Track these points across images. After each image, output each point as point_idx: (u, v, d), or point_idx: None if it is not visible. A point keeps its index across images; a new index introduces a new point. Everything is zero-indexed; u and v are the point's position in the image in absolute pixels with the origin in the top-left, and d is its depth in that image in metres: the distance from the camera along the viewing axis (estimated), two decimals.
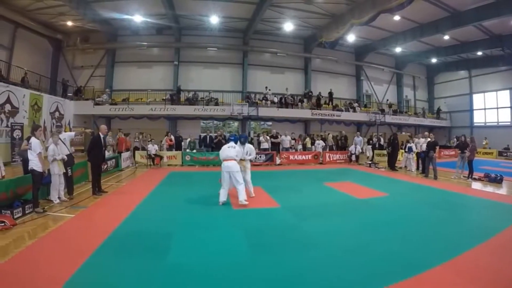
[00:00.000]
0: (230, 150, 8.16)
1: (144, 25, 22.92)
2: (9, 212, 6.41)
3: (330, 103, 26.84)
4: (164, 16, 21.44)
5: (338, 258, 4.62)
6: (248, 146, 9.09)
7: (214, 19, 22.04)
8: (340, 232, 5.90)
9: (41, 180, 7.38)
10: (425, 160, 14.38)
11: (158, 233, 5.66)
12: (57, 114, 20.43)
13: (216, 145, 18.98)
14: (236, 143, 8.45)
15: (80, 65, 24.61)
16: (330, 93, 26.91)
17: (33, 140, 7.17)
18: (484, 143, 26.90)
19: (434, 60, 30.15)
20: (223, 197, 7.89)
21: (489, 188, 11.24)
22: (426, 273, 4.09)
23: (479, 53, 27.78)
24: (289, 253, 4.80)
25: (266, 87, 25.22)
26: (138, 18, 21.31)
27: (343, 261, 4.52)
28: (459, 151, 13.91)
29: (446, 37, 25.01)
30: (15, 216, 6.44)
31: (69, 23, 22.00)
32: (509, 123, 29.13)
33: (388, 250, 4.94)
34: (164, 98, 23.03)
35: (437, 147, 14.03)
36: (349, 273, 4.10)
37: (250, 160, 9.20)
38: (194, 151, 18.56)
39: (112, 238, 5.32)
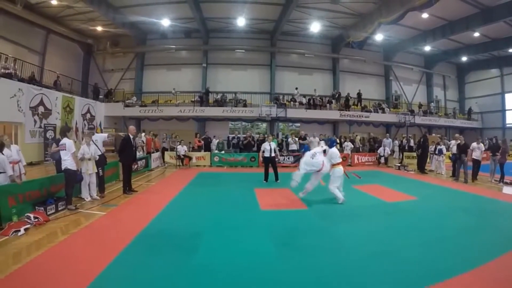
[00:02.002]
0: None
1: (172, 29, 23.24)
2: (42, 208, 6.66)
3: (359, 104, 26.42)
4: (192, 19, 21.63)
5: (364, 263, 4.54)
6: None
7: (241, 21, 22.18)
8: (367, 236, 5.80)
9: (75, 178, 7.60)
10: (455, 163, 13.83)
11: (186, 232, 5.71)
12: (88, 115, 20.83)
13: (245, 146, 19.05)
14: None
15: (110, 68, 25.07)
16: (359, 94, 26.53)
17: (66, 140, 7.37)
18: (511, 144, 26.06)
19: (464, 59, 29.33)
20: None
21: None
22: (453, 279, 4.00)
23: (511, 50, 27.12)
24: (315, 256, 4.77)
25: (296, 88, 25.02)
26: (166, 22, 21.63)
27: (369, 265, 4.45)
28: (491, 154, 13.49)
29: (476, 34, 24.41)
30: (48, 213, 6.69)
31: (99, 28, 22.53)
32: None
33: (415, 255, 4.83)
34: (193, 99, 23.10)
35: (469, 150, 13.27)
36: (375, 278, 4.04)
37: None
38: (223, 152, 18.47)
39: (142, 236, 5.44)
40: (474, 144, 12.80)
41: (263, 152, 12.12)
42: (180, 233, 5.66)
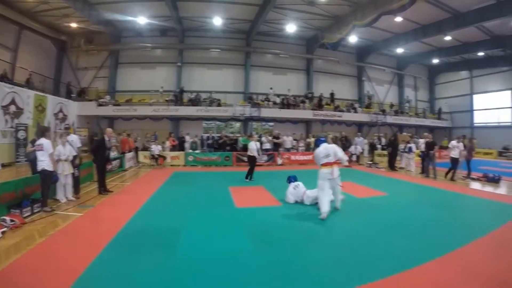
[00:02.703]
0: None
1: (148, 27, 23.13)
2: (18, 211, 6.59)
3: (332, 103, 27.03)
4: (168, 17, 21.60)
5: (337, 254, 4.84)
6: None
7: (217, 21, 22.31)
8: (338, 230, 6.16)
9: (52, 179, 7.55)
10: (424, 160, 14.57)
11: (164, 231, 5.86)
12: (61, 115, 20.55)
13: (220, 146, 19.44)
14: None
15: (83, 66, 24.79)
16: (332, 94, 27.19)
17: (44, 141, 7.31)
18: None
19: (435, 61, 30.31)
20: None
21: (487, 188, 11.47)
22: (421, 266, 4.34)
23: (480, 53, 27.89)
24: (290, 249, 5.03)
25: (271, 88, 25.44)
26: (142, 20, 21.52)
27: (342, 257, 4.75)
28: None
29: (448, 38, 25.13)
30: (24, 215, 6.60)
31: (74, 25, 22.21)
32: (509, 124, 29.24)
33: (386, 246, 5.17)
34: (167, 99, 23.22)
35: (436, 147, 14.16)
36: (348, 268, 4.34)
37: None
38: (197, 151, 18.79)
39: (121, 235, 5.51)
40: (453, 143, 13.06)
41: (250, 151, 12.45)
42: (158, 231, 5.80)
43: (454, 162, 12.77)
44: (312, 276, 4.07)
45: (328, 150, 7.19)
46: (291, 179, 8.86)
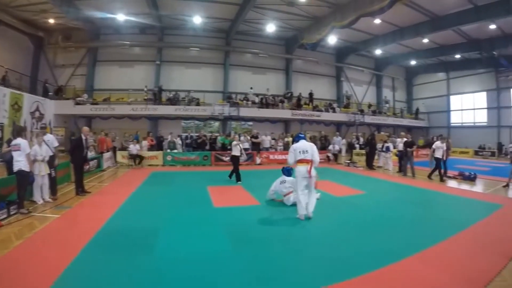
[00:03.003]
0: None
1: (127, 24, 22.87)
2: None
3: (310, 103, 27.39)
4: (148, 15, 21.42)
5: (315, 253, 4.92)
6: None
7: (197, 19, 22.18)
8: (317, 229, 6.19)
9: (29, 180, 7.45)
10: (402, 159, 14.99)
11: (143, 231, 5.85)
12: (37, 114, 20.29)
13: (199, 145, 19.54)
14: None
15: (61, 63, 24.48)
16: (311, 94, 27.51)
17: (21, 140, 7.22)
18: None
19: (413, 62, 30.88)
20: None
21: (463, 186, 11.93)
22: (398, 263, 4.48)
23: (457, 56, 28.60)
24: (268, 248, 5.11)
25: (251, 88, 25.67)
26: (121, 17, 21.29)
27: (319, 255, 4.84)
28: (430, 150, 14.44)
29: (426, 40, 25.67)
30: (0, 218, 6.44)
31: (51, 21, 21.79)
32: (485, 124, 30.13)
33: (363, 244, 5.29)
34: (146, 98, 23.18)
35: (415, 146, 14.60)
36: (325, 266, 4.44)
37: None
38: (175, 150, 18.89)
39: (99, 236, 5.49)
40: (438, 143, 13.03)
41: (233, 151, 12.22)
42: (136, 232, 5.78)
43: (438, 162, 12.95)
44: (290, 276, 4.12)
45: (306, 147, 6.89)
46: (285, 172, 8.46)
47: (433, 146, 13.28)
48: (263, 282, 3.94)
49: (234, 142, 12.53)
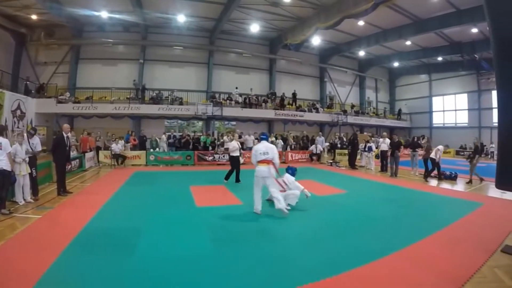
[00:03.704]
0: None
1: (110, 22, 22.75)
2: None
3: (294, 103, 27.66)
4: (132, 13, 21.30)
5: (296, 250, 4.98)
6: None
7: (181, 18, 22.17)
8: (298, 227, 6.28)
9: (11, 180, 7.33)
10: (384, 158, 15.39)
11: (125, 231, 5.82)
12: (18, 112, 20.06)
13: (183, 145, 19.54)
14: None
15: (43, 61, 24.25)
16: (294, 94, 27.79)
17: (2, 139, 7.05)
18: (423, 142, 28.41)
19: (396, 64, 31.31)
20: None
21: (445, 185, 12.24)
22: (380, 260, 4.54)
23: (440, 58, 29.14)
24: (250, 246, 5.16)
25: (237, 88, 25.87)
26: (104, 15, 21.14)
27: (301, 252, 4.88)
28: (411, 150, 15.04)
29: (408, 43, 26.14)
30: None
31: (34, 17, 21.47)
32: (466, 124, 30.75)
33: (345, 242, 5.38)
34: (129, 96, 23.20)
35: (402, 147, 14.98)
36: (306, 263, 4.46)
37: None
38: (157, 149, 19.00)
39: (81, 237, 5.41)
40: (439, 147, 13.39)
41: (229, 150, 12.34)
42: (119, 232, 5.74)
43: (433, 162, 13.17)
44: (269, 270, 4.22)
45: (268, 148, 7.28)
46: (289, 171, 8.52)
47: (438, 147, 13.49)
48: (242, 281, 3.97)
49: (233, 142, 12.52)
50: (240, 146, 12.42)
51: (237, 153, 12.03)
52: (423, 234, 5.72)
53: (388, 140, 15.57)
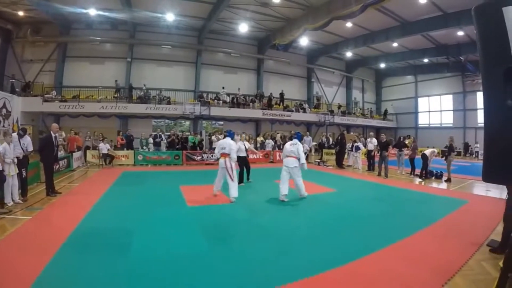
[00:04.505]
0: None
1: (99, 19, 22.56)
2: None
3: (281, 103, 27.88)
4: (120, 10, 21.16)
5: (287, 248, 5.05)
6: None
7: (170, 17, 22.09)
8: (290, 225, 6.40)
9: (3, 179, 7.28)
10: (372, 158, 15.85)
11: (117, 231, 5.77)
12: (4, 111, 19.86)
13: (169, 144, 19.61)
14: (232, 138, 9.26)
15: (29, 58, 23.98)
16: (282, 94, 28.03)
17: None
18: (407, 141, 28.90)
19: (383, 65, 31.73)
20: None
21: (431, 184, 12.62)
22: (370, 256, 4.67)
23: (426, 60, 29.63)
24: (242, 244, 5.23)
25: (223, 87, 25.96)
26: (92, 12, 20.91)
27: (291, 250, 4.97)
28: (397, 150, 15.34)
29: (395, 44, 26.48)
30: None
31: (21, 13, 21.18)
32: (451, 125, 31.31)
33: (335, 239, 5.51)
34: (116, 96, 23.15)
35: (390, 147, 15.20)
36: (297, 261, 4.54)
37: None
38: (146, 149, 19.09)
39: (73, 238, 5.33)
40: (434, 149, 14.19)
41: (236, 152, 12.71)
42: (111, 232, 5.69)
43: (425, 161, 13.60)
44: (262, 268, 4.31)
45: (226, 144, 8.74)
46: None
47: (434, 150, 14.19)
48: (237, 279, 4.01)
49: (239, 143, 12.60)
50: (245, 146, 12.49)
51: (243, 154, 12.23)
52: (411, 231, 5.91)
53: (375, 140, 16.14)
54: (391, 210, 7.95)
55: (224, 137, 9.69)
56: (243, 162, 12.03)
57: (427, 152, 13.61)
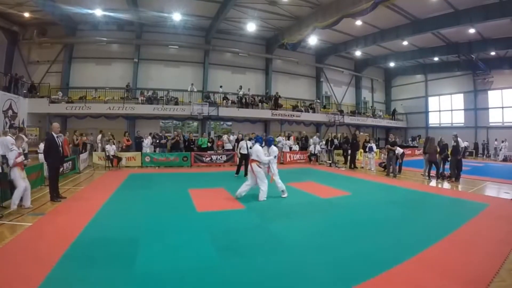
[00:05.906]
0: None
1: (105, 20, 22.34)
2: None
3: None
4: (126, 11, 20.97)
5: (306, 259, 4.70)
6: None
7: (177, 16, 21.82)
8: (306, 232, 6.03)
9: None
10: (391, 160, 15.12)
11: (122, 240, 5.47)
12: (10, 112, 19.71)
13: (173, 145, 19.18)
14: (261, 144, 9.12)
15: (36, 60, 23.81)
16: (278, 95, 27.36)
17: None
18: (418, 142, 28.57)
19: (392, 64, 31.30)
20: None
21: (446, 185, 12.26)
22: (395, 268, 4.33)
23: (436, 58, 29.16)
24: (257, 255, 4.87)
25: (241, 86, 25.66)
26: (99, 13, 20.73)
27: (311, 261, 4.61)
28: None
29: (405, 43, 26.09)
30: None
31: (27, 15, 21.07)
32: (462, 125, 30.74)
33: (356, 248, 5.14)
34: (123, 96, 22.86)
35: (396, 146, 14.79)
36: (318, 273, 4.22)
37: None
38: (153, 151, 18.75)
39: (75, 247, 5.06)
40: None
41: (240, 149, 13.37)
42: (115, 240, 5.41)
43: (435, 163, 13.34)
44: (279, 282, 3.97)
45: (253, 150, 8.87)
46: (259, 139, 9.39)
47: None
48: None
49: (242, 142, 13.57)
50: (248, 144, 12.90)
51: (244, 151, 13.00)
52: (435, 238, 5.56)
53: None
54: (410, 214, 7.62)
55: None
56: (243, 157, 13.18)
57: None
